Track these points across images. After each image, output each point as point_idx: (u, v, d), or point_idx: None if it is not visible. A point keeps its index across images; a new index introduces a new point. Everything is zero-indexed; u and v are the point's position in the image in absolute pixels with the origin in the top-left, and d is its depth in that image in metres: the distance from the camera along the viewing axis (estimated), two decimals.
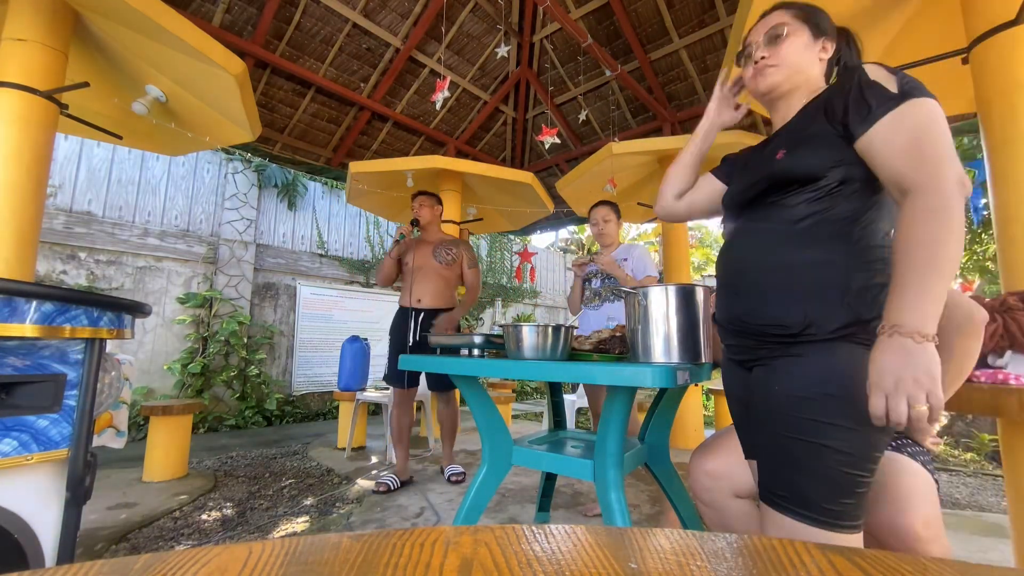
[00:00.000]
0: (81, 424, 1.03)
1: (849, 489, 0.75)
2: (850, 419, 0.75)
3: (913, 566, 0.29)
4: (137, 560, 0.29)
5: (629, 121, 5.26)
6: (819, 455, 0.76)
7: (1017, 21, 1.72)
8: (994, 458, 4.00)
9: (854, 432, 0.74)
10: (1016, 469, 1.59)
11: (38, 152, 2.12)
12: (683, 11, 4.23)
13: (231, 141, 3.32)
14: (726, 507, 1.19)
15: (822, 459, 0.76)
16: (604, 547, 0.32)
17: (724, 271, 0.97)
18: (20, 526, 0.94)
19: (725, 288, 0.96)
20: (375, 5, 4.21)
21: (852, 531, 0.75)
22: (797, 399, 0.79)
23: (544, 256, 9.76)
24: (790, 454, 0.79)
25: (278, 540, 0.32)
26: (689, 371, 1.07)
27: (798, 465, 0.78)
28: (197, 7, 3.54)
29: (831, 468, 0.75)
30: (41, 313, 0.94)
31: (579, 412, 4.87)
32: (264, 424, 5.02)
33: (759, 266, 0.88)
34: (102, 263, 4.33)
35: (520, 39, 5.11)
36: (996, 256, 1.87)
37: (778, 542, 0.33)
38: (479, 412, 1.52)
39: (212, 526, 2.18)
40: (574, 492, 2.73)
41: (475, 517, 1.49)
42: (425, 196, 2.93)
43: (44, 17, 2.12)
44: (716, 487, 1.19)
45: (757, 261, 0.89)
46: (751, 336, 0.89)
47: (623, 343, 1.38)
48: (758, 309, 0.87)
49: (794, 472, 0.79)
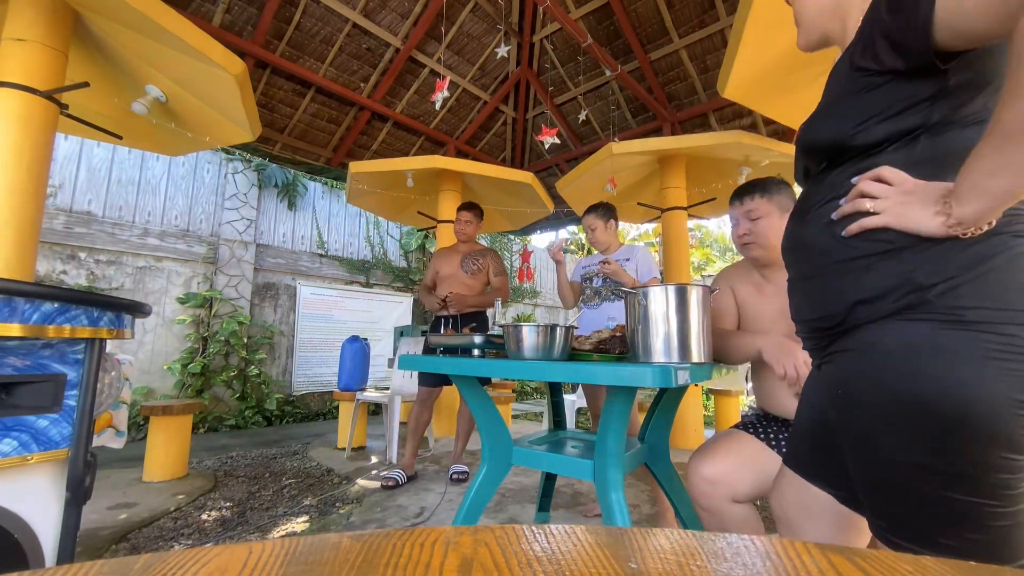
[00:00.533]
0: (81, 424, 1.03)
1: (972, 520, 0.56)
2: (925, 425, 0.58)
3: (913, 566, 0.29)
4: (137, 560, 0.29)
5: (629, 121, 5.26)
6: (896, 471, 0.60)
7: None
8: None
9: (944, 444, 0.57)
10: None
11: (38, 152, 2.12)
12: (683, 11, 4.23)
13: (231, 141, 3.32)
14: (725, 512, 1.18)
15: (901, 477, 0.60)
16: (604, 547, 0.32)
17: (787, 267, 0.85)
18: (20, 526, 0.95)
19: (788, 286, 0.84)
20: (375, 5, 4.21)
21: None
22: (863, 402, 0.64)
23: (544, 256, 9.75)
24: (866, 475, 0.64)
25: (278, 540, 0.32)
26: (689, 371, 1.07)
27: (878, 489, 0.63)
28: (197, 7, 3.55)
29: (921, 491, 0.58)
30: (41, 313, 0.94)
31: (579, 412, 4.87)
32: (264, 424, 5.02)
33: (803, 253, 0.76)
34: (102, 263, 4.33)
35: (520, 39, 5.11)
36: None
37: (778, 541, 0.33)
38: (479, 412, 1.52)
39: (212, 526, 2.18)
40: (574, 492, 2.73)
41: (475, 517, 1.49)
42: (471, 212, 2.96)
43: (44, 17, 2.12)
44: (715, 493, 1.19)
45: (799, 247, 0.77)
46: (811, 333, 0.77)
47: (623, 343, 1.37)
48: (804, 302, 0.76)
49: (880, 497, 0.63)
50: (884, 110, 0.63)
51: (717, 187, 4.12)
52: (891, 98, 0.63)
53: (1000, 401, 0.54)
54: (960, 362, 0.56)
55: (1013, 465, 0.55)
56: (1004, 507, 0.56)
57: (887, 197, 0.62)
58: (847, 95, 0.68)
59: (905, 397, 0.59)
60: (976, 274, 0.57)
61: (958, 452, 0.57)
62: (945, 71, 0.59)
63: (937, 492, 0.58)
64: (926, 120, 0.61)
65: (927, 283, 0.59)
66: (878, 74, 0.64)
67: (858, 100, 0.66)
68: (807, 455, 0.84)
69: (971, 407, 0.55)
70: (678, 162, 3.89)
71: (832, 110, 0.71)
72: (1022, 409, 0.54)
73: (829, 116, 0.71)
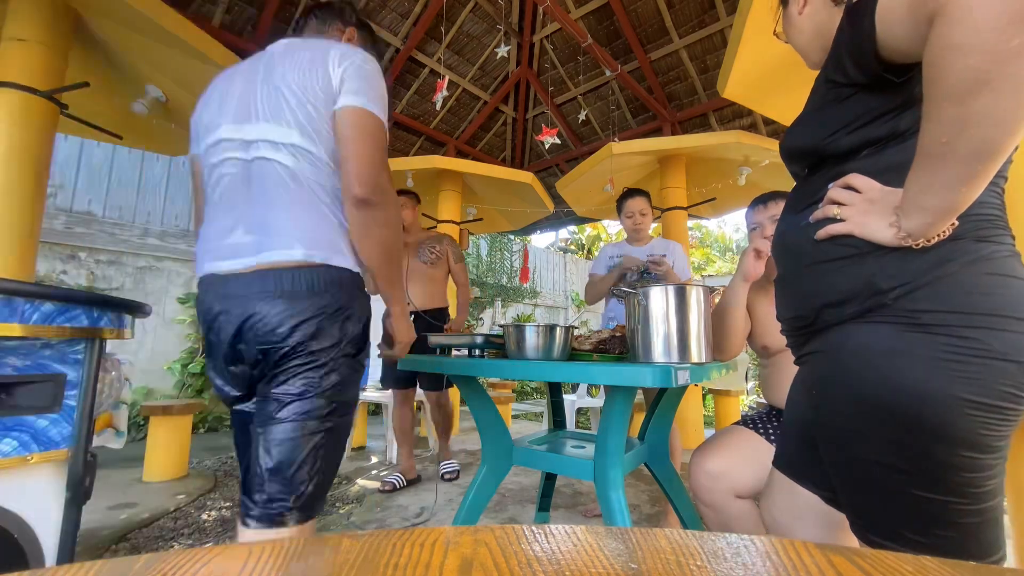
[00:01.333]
0: (81, 424, 1.03)
1: (941, 517, 0.57)
2: (895, 426, 0.58)
3: (913, 566, 0.29)
4: (137, 560, 0.29)
5: (629, 121, 5.26)
6: (867, 471, 0.62)
7: None
8: None
9: (906, 444, 0.58)
10: (1016, 469, 1.59)
11: (38, 152, 2.12)
12: (683, 11, 4.23)
13: None
14: (726, 507, 1.19)
15: (871, 475, 0.62)
16: (604, 547, 0.32)
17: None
18: (20, 526, 0.95)
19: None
20: (375, 5, 4.21)
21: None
22: (827, 399, 0.67)
23: (544, 256, 9.75)
24: (845, 473, 0.65)
25: (278, 540, 0.32)
26: (689, 371, 1.07)
27: (853, 487, 0.65)
28: (197, 7, 3.55)
29: (891, 489, 0.60)
30: (41, 313, 0.94)
31: (579, 412, 4.87)
32: None
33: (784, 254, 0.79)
34: (102, 263, 4.33)
35: (520, 39, 5.11)
36: None
37: (778, 541, 0.33)
38: (479, 412, 1.52)
39: (212, 526, 2.18)
40: (574, 492, 2.73)
41: (475, 517, 1.49)
42: (404, 196, 2.84)
43: (44, 17, 2.12)
44: (716, 488, 1.20)
45: (781, 248, 0.80)
46: (790, 334, 0.80)
47: (623, 343, 1.38)
48: (784, 303, 0.79)
49: (855, 495, 0.65)
50: (853, 120, 0.66)
51: (717, 187, 4.12)
52: (860, 109, 0.65)
53: (953, 402, 0.56)
54: (915, 364, 0.58)
55: (975, 464, 0.56)
56: (971, 504, 0.57)
57: (852, 205, 0.64)
58: (822, 106, 0.71)
59: (868, 399, 0.61)
60: (933, 278, 0.58)
61: (919, 452, 0.58)
62: (908, 81, 0.60)
63: (904, 490, 0.59)
64: (894, 130, 0.63)
65: (886, 287, 0.61)
66: (846, 86, 0.66)
67: (831, 111, 0.69)
68: (795, 455, 0.85)
69: (925, 408, 0.57)
70: (678, 162, 3.89)
71: (809, 120, 0.74)
72: (977, 410, 0.55)
73: (806, 125, 0.74)
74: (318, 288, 0.87)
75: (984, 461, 0.56)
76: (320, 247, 0.89)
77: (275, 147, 0.90)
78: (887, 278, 0.61)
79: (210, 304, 0.91)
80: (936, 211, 0.55)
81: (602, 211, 5.03)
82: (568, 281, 9.99)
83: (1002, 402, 0.55)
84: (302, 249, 0.87)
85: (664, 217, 3.99)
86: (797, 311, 0.74)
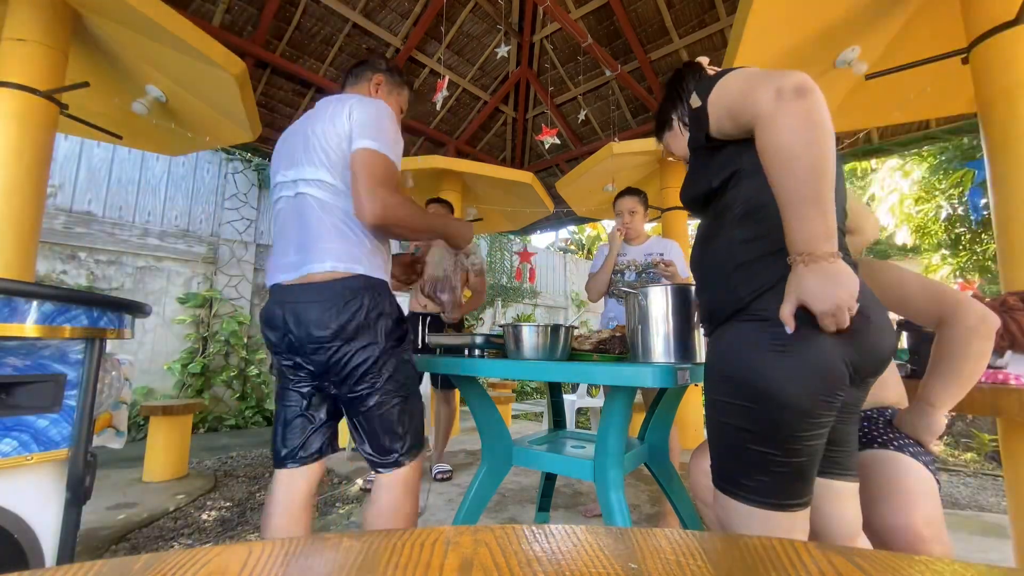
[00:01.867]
0: (81, 424, 1.03)
1: (762, 466, 0.75)
2: (742, 397, 0.77)
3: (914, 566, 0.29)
4: (137, 560, 0.29)
5: (629, 121, 5.26)
6: (723, 432, 0.81)
7: (1017, 21, 1.72)
8: (994, 458, 4.00)
9: (750, 409, 0.76)
10: (1016, 469, 1.59)
11: (38, 152, 2.12)
12: (683, 11, 4.23)
13: (231, 141, 3.32)
14: None
15: (725, 436, 0.81)
16: (604, 547, 0.32)
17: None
18: (20, 526, 0.95)
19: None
20: (375, 5, 4.21)
21: (780, 509, 0.74)
22: (708, 380, 0.86)
23: (544, 256, 9.75)
24: (710, 435, 0.85)
25: (278, 540, 0.32)
26: (689, 371, 1.07)
27: (714, 444, 0.83)
28: (197, 7, 3.55)
29: (735, 445, 0.78)
30: (41, 313, 0.94)
31: (579, 412, 4.87)
32: (264, 424, 5.02)
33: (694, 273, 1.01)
34: (102, 263, 4.33)
35: (520, 39, 5.11)
36: (996, 256, 1.87)
37: (778, 542, 0.33)
38: (479, 412, 1.52)
39: (212, 526, 2.18)
40: (574, 492, 2.73)
41: (475, 517, 1.49)
42: (438, 205, 2.86)
43: (44, 17, 2.12)
44: None
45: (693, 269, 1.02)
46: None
47: (623, 343, 1.38)
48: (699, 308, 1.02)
49: (714, 451, 0.84)
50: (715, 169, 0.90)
51: None
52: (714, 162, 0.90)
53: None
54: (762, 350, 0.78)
55: (796, 426, 0.74)
56: (784, 457, 0.74)
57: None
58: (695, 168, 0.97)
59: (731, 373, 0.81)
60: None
61: (766, 418, 0.75)
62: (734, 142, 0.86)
63: (744, 444, 0.77)
64: (739, 166, 0.86)
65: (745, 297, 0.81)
66: (702, 150, 0.92)
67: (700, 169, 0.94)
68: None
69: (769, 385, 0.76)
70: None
71: (690, 178, 0.98)
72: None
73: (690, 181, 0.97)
74: (347, 295, 1.08)
75: (804, 424, 0.73)
76: (343, 259, 1.11)
77: (308, 183, 1.15)
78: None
79: (273, 308, 1.15)
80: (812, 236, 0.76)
81: (602, 211, 5.03)
82: (568, 281, 9.99)
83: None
84: (331, 262, 1.10)
85: (664, 217, 3.99)
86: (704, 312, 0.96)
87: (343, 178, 1.14)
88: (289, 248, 1.15)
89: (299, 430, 1.20)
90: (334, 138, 1.14)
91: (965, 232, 6.94)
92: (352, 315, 1.07)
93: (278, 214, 1.23)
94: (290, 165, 1.20)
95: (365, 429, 1.13)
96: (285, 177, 1.20)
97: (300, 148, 1.19)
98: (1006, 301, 1.40)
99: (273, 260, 1.21)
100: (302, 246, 1.13)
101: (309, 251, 1.11)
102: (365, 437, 1.13)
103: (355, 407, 1.13)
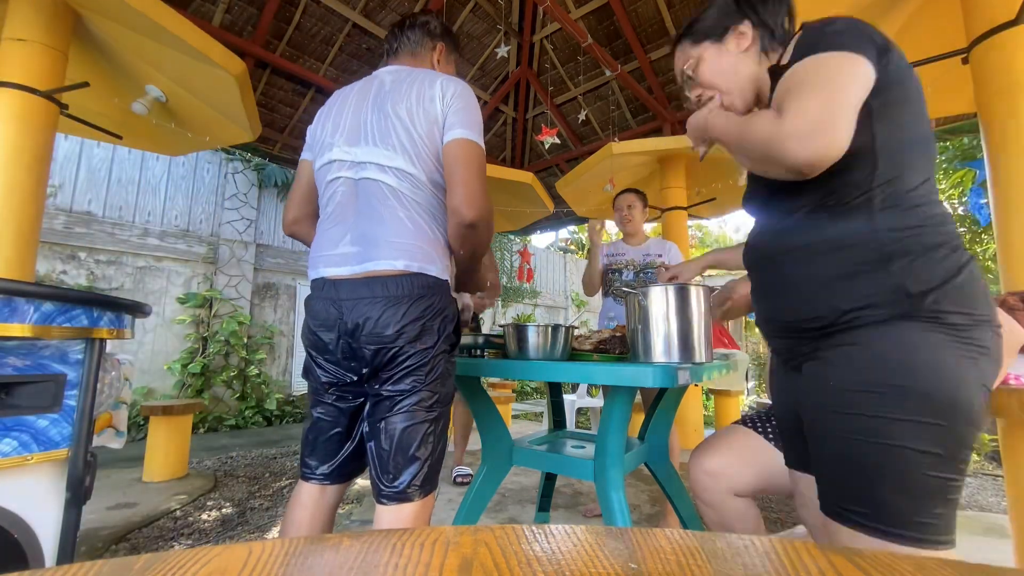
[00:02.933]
0: (81, 424, 1.03)
1: (941, 496, 0.63)
2: (932, 413, 0.64)
3: (914, 566, 0.29)
4: (137, 560, 0.29)
5: (629, 121, 5.26)
6: (898, 458, 0.64)
7: (1017, 21, 1.72)
8: (994, 458, 4.00)
9: (934, 427, 0.63)
10: (1016, 469, 1.59)
11: (38, 152, 2.12)
12: (683, 11, 4.23)
13: (231, 141, 3.32)
14: (726, 506, 1.19)
15: (903, 463, 0.64)
16: (604, 547, 0.32)
17: (749, 273, 0.93)
18: (20, 526, 0.94)
19: (753, 291, 0.92)
20: (375, 5, 4.21)
21: (946, 547, 0.63)
22: (859, 394, 0.69)
23: (544, 256, 9.76)
24: (863, 460, 0.67)
25: (278, 540, 0.32)
26: (689, 371, 1.07)
27: (876, 473, 0.66)
28: (197, 7, 3.54)
29: (915, 473, 0.64)
30: (41, 313, 0.94)
31: (579, 412, 4.87)
32: (264, 424, 5.02)
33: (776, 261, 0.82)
34: (102, 263, 4.33)
35: (520, 39, 5.11)
36: (996, 256, 1.87)
37: (778, 542, 0.33)
38: (479, 412, 1.52)
39: (212, 526, 2.18)
40: (574, 492, 2.73)
41: (475, 517, 1.49)
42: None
43: (44, 17, 2.12)
44: (716, 486, 1.19)
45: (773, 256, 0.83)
46: (791, 334, 0.82)
47: (623, 343, 1.38)
48: (781, 305, 0.82)
49: (872, 482, 0.67)
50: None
51: (717, 187, 4.12)
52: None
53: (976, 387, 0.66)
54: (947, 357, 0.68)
55: (971, 444, 0.66)
56: (961, 483, 0.65)
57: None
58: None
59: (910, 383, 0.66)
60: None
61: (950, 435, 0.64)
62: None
63: (922, 471, 0.64)
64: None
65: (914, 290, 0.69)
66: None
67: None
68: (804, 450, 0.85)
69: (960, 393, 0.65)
70: (678, 162, 3.89)
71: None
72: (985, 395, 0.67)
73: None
74: (416, 293, 1.00)
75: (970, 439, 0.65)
76: (417, 258, 1.01)
77: (381, 169, 1.03)
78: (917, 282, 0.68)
79: (321, 304, 1.04)
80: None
81: (602, 211, 5.03)
82: (568, 281, 9.99)
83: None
84: (404, 260, 1.00)
85: (664, 217, 3.99)
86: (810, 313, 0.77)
87: (426, 168, 1.03)
88: (346, 237, 1.03)
89: (336, 445, 1.09)
90: (423, 123, 1.02)
91: (965, 232, 6.95)
92: (420, 314, 0.99)
93: (333, 195, 1.07)
94: (355, 141, 1.05)
95: (382, 441, 0.99)
96: (347, 155, 1.06)
97: (370, 124, 1.05)
98: (1006, 301, 1.40)
99: (321, 250, 1.07)
100: (365, 237, 1.01)
101: (376, 245, 1.00)
102: (378, 453, 1.00)
103: (383, 409, 1.00)
